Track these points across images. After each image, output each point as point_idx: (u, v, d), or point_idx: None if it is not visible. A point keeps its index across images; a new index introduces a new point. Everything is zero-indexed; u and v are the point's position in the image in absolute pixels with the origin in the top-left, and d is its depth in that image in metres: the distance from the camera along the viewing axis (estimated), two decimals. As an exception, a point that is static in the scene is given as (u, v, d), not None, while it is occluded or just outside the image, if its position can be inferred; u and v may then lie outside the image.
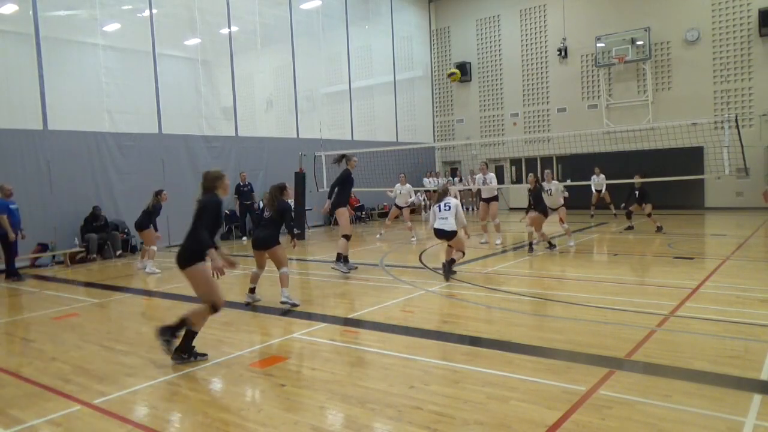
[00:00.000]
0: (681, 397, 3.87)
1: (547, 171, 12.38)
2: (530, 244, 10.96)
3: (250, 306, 7.41)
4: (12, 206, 10.47)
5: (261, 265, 7.57)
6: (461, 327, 5.93)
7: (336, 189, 9.38)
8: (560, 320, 6.11)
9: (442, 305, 7.02)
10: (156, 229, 10.83)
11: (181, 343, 5.07)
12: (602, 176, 16.88)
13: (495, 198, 12.29)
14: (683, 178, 14.42)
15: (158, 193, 10.81)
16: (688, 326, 5.60)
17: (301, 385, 4.44)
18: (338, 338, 5.70)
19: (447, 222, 8.50)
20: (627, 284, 7.63)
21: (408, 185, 14.61)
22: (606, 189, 17.10)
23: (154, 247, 10.68)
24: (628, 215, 14.08)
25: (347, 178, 9.37)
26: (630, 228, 13.92)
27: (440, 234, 8.62)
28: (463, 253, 8.73)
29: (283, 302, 7.17)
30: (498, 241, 12.22)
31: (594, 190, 17.44)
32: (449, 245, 8.71)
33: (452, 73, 17.02)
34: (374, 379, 4.52)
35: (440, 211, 8.62)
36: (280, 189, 7.64)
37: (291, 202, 10.43)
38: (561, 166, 21.60)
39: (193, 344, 5.15)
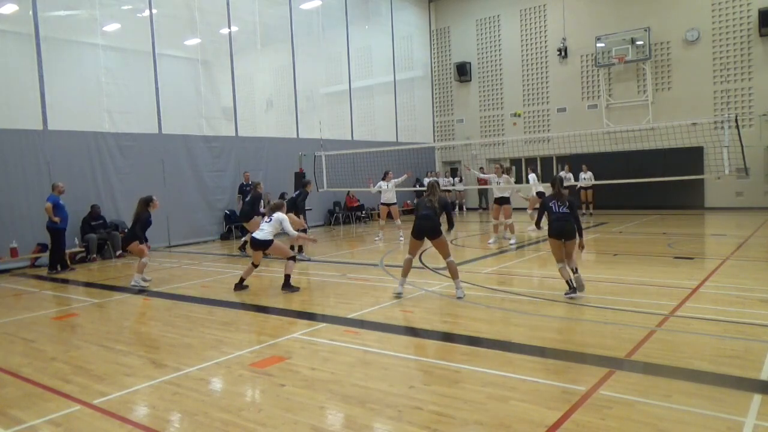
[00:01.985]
0: (681, 397, 3.87)
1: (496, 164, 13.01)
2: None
3: (247, 305, 7.44)
4: (60, 202, 11.23)
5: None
6: (461, 327, 5.93)
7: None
8: (560, 320, 6.11)
9: (442, 305, 7.02)
10: (143, 241, 9.39)
11: None
12: (589, 173, 17.09)
13: (507, 200, 12.39)
14: (683, 178, 14.43)
15: (147, 202, 9.39)
16: (688, 326, 5.60)
17: (301, 385, 4.44)
18: (338, 338, 5.70)
19: None
20: (627, 284, 7.62)
21: (394, 181, 14.07)
22: (592, 187, 17.60)
23: (145, 260, 9.30)
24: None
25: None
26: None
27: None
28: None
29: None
30: (512, 241, 12.30)
31: (581, 188, 17.66)
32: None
33: (516, 115, 16.77)
34: (374, 379, 4.51)
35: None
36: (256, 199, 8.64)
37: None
38: (561, 166, 21.59)
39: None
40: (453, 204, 15.40)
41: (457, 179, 22.89)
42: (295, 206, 11.90)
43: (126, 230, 13.51)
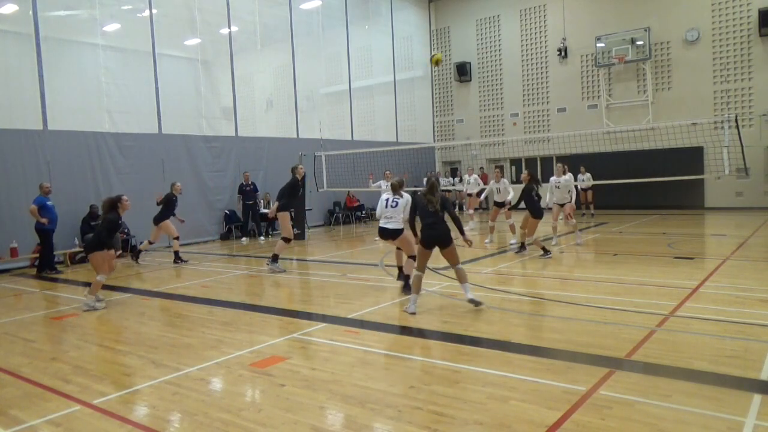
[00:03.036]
0: (681, 397, 3.87)
1: (558, 165, 12.63)
2: (522, 244, 10.92)
3: (248, 306, 7.46)
4: (48, 203, 11.12)
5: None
6: (461, 327, 5.93)
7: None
8: (560, 320, 6.11)
9: (442, 305, 7.02)
10: (109, 247, 7.99)
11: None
12: (588, 175, 16.81)
13: (505, 204, 12.72)
14: (683, 178, 14.42)
15: (114, 204, 8.04)
16: (688, 326, 5.60)
17: (301, 385, 4.44)
18: (338, 338, 5.70)
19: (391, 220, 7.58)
20: (627, 284, 7.62)
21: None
22: (592, 188, 17.20)
23: (101, 277, 7.82)
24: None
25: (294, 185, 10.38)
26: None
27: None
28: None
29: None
30: (513, 241, 12.40)
31: (581, 189, 17.17)
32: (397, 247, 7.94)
33: (435, 58, 14.77)
34: (374, 379, 4.51)
35: (386, 207, 7.64)
36: None
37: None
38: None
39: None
40: (453, 204, 15.51)
41: (457, 179, 22.89)
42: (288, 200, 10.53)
43: (126, 230, 13.57)
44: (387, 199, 7.61)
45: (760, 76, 17.74)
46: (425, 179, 17.66)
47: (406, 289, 7.43)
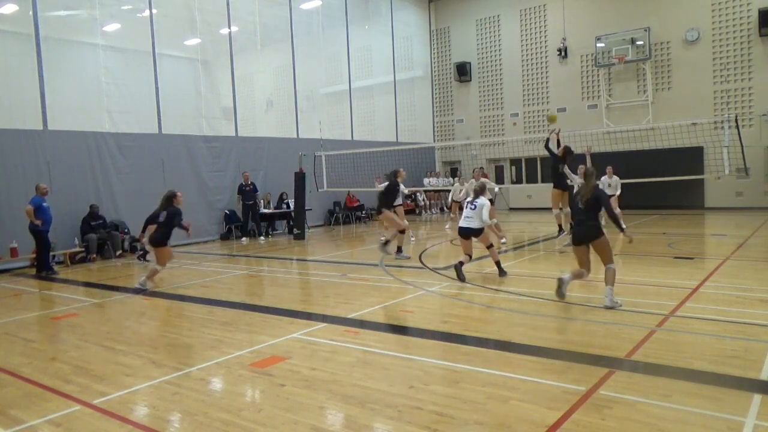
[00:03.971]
0: (681, 397, 3.87)
1: (609, 167, 13.23)
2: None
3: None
4: (44, 204, 11.02)
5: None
6: (461, 327, 5.93)
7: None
8: (560, 320, 6.11)
9: (442, 305, 7.02)
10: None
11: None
12: (615, 177, 14.18)
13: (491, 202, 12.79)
14: (683, 178, 14.41)
15: (170, 200, 9.00)
16: (688, 326, 5.60)
17: (301, 385, 4.44)
18: (338, 338, 5.70)
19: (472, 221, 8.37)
20: (627, 284, 7.62)
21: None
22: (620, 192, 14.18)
23: (160, 267, 8.96)
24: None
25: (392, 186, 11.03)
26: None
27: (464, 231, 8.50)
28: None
29: None
30: (503, 240, 12.53)
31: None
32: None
33: (551, 117, 13.90)
34: (374, 379, 4.51)
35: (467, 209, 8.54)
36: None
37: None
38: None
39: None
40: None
41: (456, 179, 22.89)
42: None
43: (126, 230, 13.58)
44: (468, 202, 8.56)
45: (760, 76, 17.74)
46: (428, 180, 17.49)
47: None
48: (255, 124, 17.95)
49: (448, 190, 20.64)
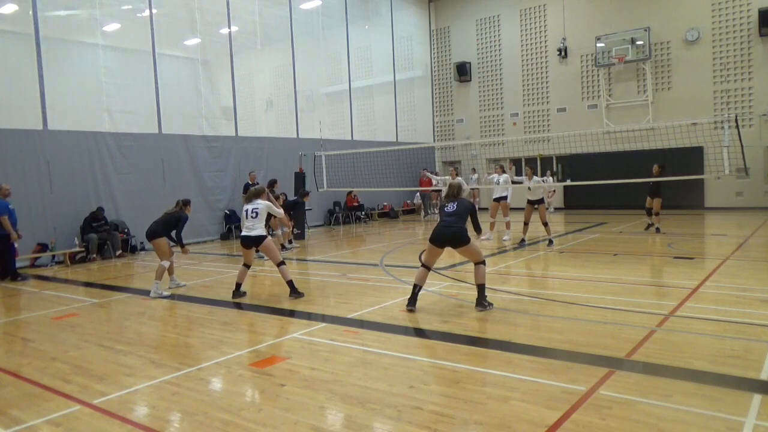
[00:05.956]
0: (681, 397, 3.87)
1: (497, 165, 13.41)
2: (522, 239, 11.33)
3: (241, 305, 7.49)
4: (10, 206, 10.44)
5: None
6: (461, 327, 5.92)
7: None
8: (560, 320, 6.11)
9: (442, 305, 7.02)
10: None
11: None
12: (505, 175, 13.13)
13: (505, 198, 12.99)
14: (683, 178, 14.41)
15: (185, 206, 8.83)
16: (688, 326, 5.60)
17: (301, 385, 4.44)
18: (338, 338, 5.70)
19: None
20: (627, 284, 7.62)
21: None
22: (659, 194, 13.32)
23: (165, 263, 8.64)
24: (648, 212, 13.68)
25: None
26: (650, 227, 13.44)
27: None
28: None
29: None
30: (506, 237, 12.67)
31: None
32: None
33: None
34: (374, 379, 4.51)
35: None
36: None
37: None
38: (561, 166, 21.63)
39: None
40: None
41: (476, 176, 22.89)
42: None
43: (126, 230, 13.57)
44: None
45: (760, 76, 17.74)
46: (433, 179, 17.32)
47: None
48: (255, 124, 17.95)
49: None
